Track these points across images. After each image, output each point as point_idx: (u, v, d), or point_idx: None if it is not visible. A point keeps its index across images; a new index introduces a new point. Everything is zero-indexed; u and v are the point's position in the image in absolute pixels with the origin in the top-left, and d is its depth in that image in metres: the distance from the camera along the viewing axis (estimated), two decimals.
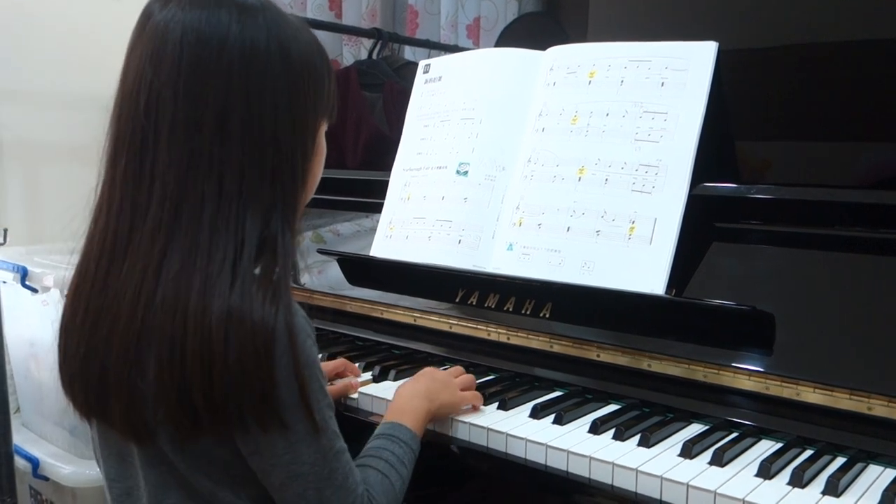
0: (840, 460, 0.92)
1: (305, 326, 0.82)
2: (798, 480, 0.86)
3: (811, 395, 0.96)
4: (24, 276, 1.85)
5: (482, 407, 1.08)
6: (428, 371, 1.10)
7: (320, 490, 0.82)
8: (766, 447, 0.96)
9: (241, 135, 0.80)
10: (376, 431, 0.96)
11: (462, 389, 1.08)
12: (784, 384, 0.98)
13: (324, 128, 0.90)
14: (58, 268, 1.83)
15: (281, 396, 0.79)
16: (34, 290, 1.84)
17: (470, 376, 1.11)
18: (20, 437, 1.98)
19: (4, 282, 1.86)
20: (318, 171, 0.91)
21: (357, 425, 1.08)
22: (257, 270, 0.80)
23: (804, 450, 0.95)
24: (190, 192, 0.79)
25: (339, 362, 1.23)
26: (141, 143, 0.80)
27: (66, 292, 0.88)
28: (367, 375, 1.23)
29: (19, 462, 1.92)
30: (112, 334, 0.80)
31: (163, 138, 0.80)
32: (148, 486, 0.86)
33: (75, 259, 0.87)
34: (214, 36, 0.80)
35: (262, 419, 0.79)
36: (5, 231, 1.84)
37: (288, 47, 0.83)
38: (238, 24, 0.80)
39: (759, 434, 0.99)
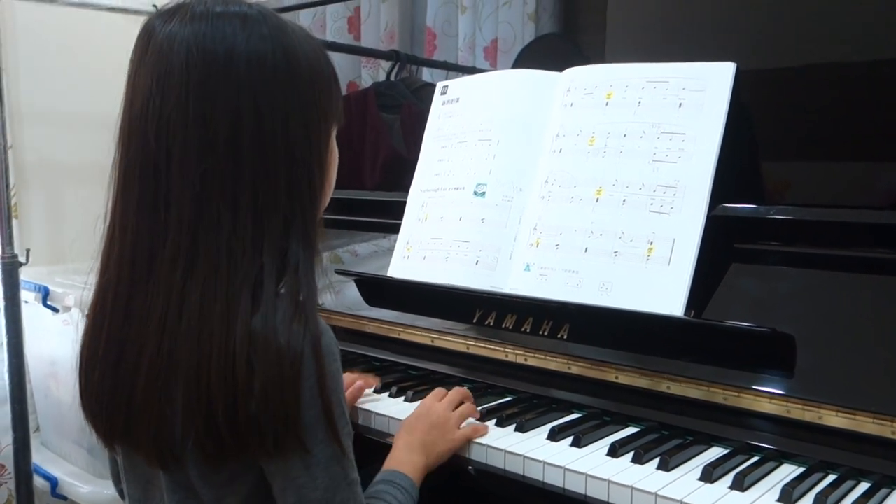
0: (864, 486, 0.91)
1: (332, 348, 0.81)
2: None
3: (834, 419, 0.94)
4: (45, 295, 1.87)
5: (500, 429, 1.08)
6: (424, 411, 1.06)
7: None
8: (788, 472, 0.95)
9: (253, 150, 0.79)
10: (377, 478, 0.95)
11: (463, 416, 1.07)
12: (806, 407, 0.96)
13: (334, 132, 0.89)
14: (79, 288, 1.85)
15: (304, 419, 0.78)
16: (55, 310, 1.86)
17: (471, 407, 1.09)
18: (39, 457, 1.99)
19: (26, 301, 1.88)
20: (334, 175, 0.90)
21: (373, 447, 1.07)
22: (282, 290, 0.80)
23: (827, 475, 0.93)
24: (205, 215, 0.78)
25: (354, 377, 1.23)
26: (154, 169, 0.79)
27: (82, 329, 0.87)
28: (385, 396, 1.22)
29: (38, 481, 1.93)
30: (139, 364, 0.80)
31: (175, 162, 0.78)
32: None
33: (91, 282, 0.86)
34: (220, 51, 0.78)
35: (284, 442, 0.78)
36: (27, 251, 1.86)
37: (294, 55, 0.82)
38: (242, 36, 0.79)
39: (780, 458, 0.97)
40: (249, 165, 0.79)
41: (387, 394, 1.23)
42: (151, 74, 0.79)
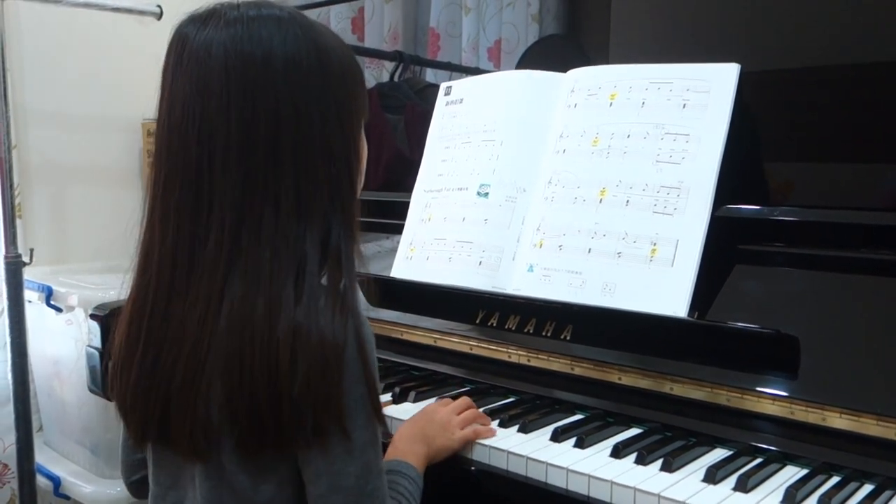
0: (868, 488, 0.90)
1: (371, 336, 0.83)
2: None
3: (837, 421, 0.94)
4: (49, 295, 1.87)
5: (502, 429, 1.08)
6: (429, 410, 1.08)
7: None
8: (792, 473, 0.94)
9: (293, 149, 0.81)
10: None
11: (466, 420, 1.06)
12: (809, 409, 0.96)
13: (363, 126, 0.91)
14: (83, 288, 1.85)
15: (346, 405, 0.79)
16: (59, 310, 1.86)
17: (473, 410, 1.09)
18: (42, 456, 1.99)
19: (30, 301, 1.88)
20: (364, 166, 0.92)
21: None
22: (324, 280, 0.81)
23: (830, 476, 0.93)
24: (247, 215, 0.80)
25: None
26: (196, 173, 0.80)
27: (118, 329, 0.87)
28: (387, 397, 1.22)
29: (41, 481, 1.93)
30: (176, 364, 0.81)
31: (217, 165, 0.80)
32: (202, 497, 0.87)
33: (123, 285, 0.87)
34: (258, 53, 0.80)
35: (324, 430, 0.79)
36: (31, 251, 1.87)
37: (327, 54, 0.84)
38: (279, 38, 0.81)
39: (784, 460, 0.97)
40: (291, 164, 0.81)
41: (389, 394, 1.23)
42: (190, 80, 0.81)
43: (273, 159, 0.80)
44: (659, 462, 0.96)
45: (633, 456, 0.98)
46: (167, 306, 0.82)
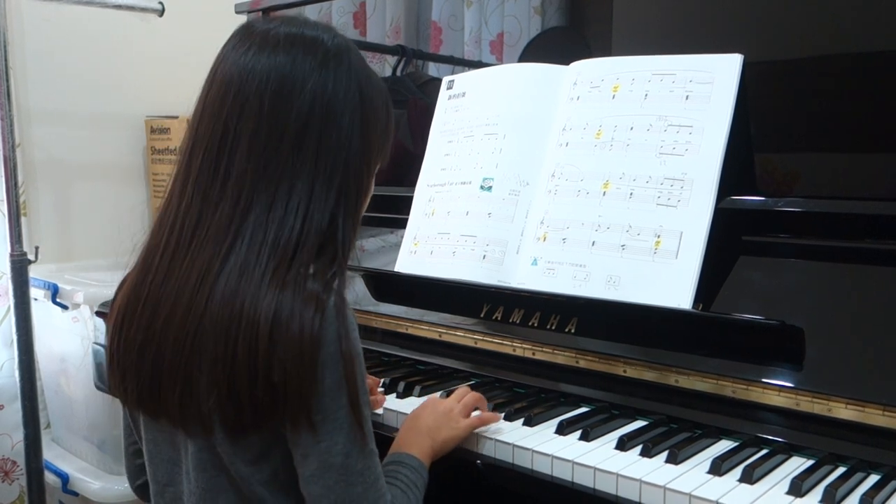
0: (874, 478, 0.90)
1: (353, 320, 0.85)
2: (831, 498, 0.85)
3: (843, 411, 0.94)
4: (54, 293, 1.88)
5: (508, 423, 1.08)
6: (430, 402, 1.08)
7: (351, 484, 0.83)
8: (798, 464, 0.94)
9: (316, 151, 0.87)
10: (384, 461, 0.96)
11: (468, 407, 1.07)
12: (815, 400, 0.96)
13: (378, 165, 0.97)
14: (88, 285, 1.85)
15: (325, 386, 0.82)
16: (65, 307, 1.87)
17: (474, 395, 1.09)
18: (50, 453, 2.00)
19: (36, 299, 1.89)
20: (368, 200, 0.98)
21: (382, 441, 1.07)
22: (312, 271, 0.84)
23: (836, 467, 0.93)
24: (262, 194, 0.85)
25: None
26: (220, 142, 0.86)
27: (125, 282, 0.92)
28: (392, 392, 1.22)
29: (49, 477, 1.94)
30: (169, 323, 0.84)
31: (243, 142, 0.85)
32: (199, 490, 0.89)
33: (137, 252, 0.92)
34: (299, 77, 0.87)
35: (304, 413, 0.82)
36: (37, 249, 1.87)
37: (367, 93, 0.91)
38: (322, 71, 0.88)
39: (789, 451, 0.97)
40: (311, 163, 0.86)
41: (395, 389, 1.23)
42: (235, 67, 0.87)
43: (297, 152, 0.86)
44: (664, 454, 0.96)
45: (639, 448, 0.98)
46: (169, 267, 0.86)
